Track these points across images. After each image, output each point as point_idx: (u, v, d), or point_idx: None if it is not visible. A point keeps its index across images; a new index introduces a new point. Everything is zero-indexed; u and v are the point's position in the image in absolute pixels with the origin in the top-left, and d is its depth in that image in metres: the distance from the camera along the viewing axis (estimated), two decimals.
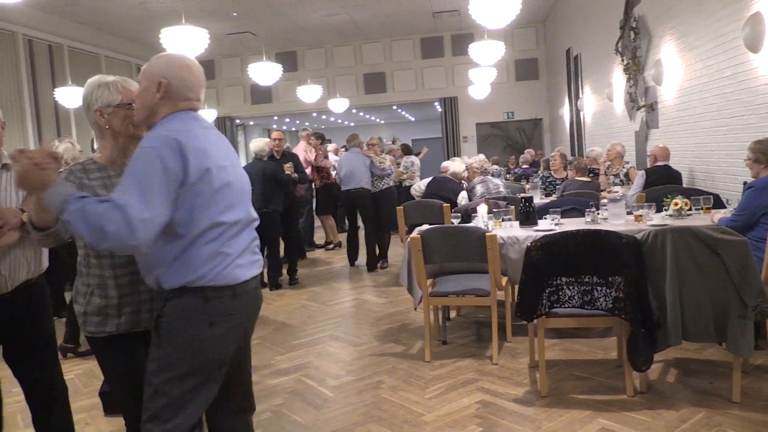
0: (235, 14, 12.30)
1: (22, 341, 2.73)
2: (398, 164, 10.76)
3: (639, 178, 6.52)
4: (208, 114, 15.39)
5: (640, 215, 4.54)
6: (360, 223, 8.33)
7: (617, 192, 6.48)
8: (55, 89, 10.92)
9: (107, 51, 12.97)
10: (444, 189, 6.89)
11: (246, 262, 2.17)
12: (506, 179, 10.66)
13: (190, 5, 11.08)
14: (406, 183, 10.38)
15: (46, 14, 10.96)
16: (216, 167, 2.07)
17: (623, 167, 7.78)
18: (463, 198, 6.71)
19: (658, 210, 4.73)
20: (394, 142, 13.99)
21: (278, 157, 7.46)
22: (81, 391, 4.21)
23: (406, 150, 11.93)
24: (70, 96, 10.47)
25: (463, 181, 7.31)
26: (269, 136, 8.47)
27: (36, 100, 10.82)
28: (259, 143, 7.14)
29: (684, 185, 6.38)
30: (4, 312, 2.64)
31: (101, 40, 12.73)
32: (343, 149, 10.25)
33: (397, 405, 3.66)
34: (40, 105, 10.83)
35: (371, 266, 8.02)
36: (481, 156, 7.00)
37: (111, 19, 11.91)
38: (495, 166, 10.83)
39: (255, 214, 2.28)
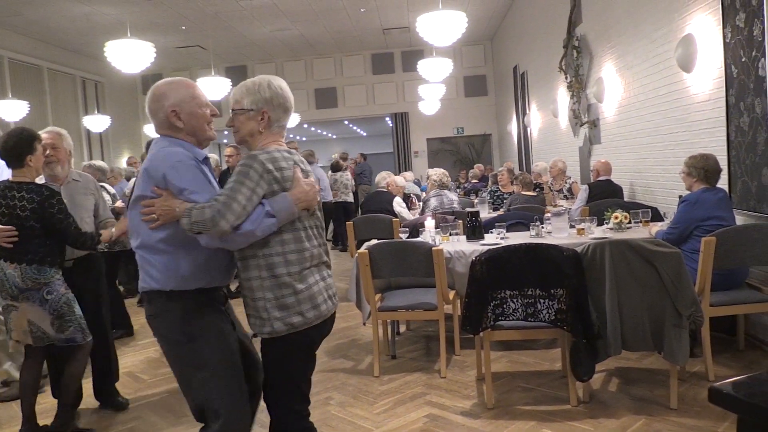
0: (183, 27, 12.18)
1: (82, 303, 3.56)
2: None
3: (582, 192, 6.70)
4: (153, 127, 15.13)
5: (582, 228, 4.67)
6: None
7: (561, 206, 6.65)
8: None
9: (50, 63, 12.64)
10: (378, 203, 7.15)
11: None
12: (457, 193, 10.81)
13: (137, 18, 10.92)
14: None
15: None
16: None
17: (566, 182, 7.99)
18: (398, 204, 6.93)
19: (600, 223, 4.87)
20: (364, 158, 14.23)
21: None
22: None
23: (335, 167, 11.52)
24: (10, 109, 10.16)
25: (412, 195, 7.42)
26: (219, 152, 8.43)
27: None
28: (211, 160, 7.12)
29: (625, 199, 6.58)
30: (67, 279, 3.53)
31: (44, 51, 12.41)
32: None
33: (345, 421, 3.65)
34: None
35: None
36: (441, 170, 7.11)
37: (54, 30, 11.64)
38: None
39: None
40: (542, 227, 4.83)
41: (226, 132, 22.76)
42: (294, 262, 2.28)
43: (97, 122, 12.73)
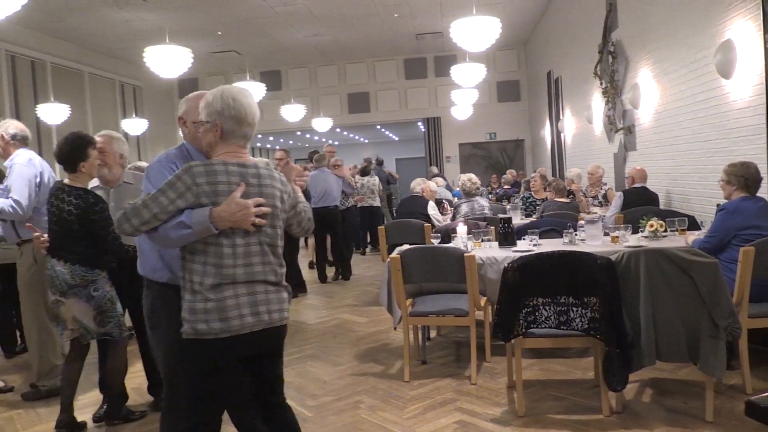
0: (219, 33, 12.37)
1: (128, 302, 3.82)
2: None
3: (617, 199, 6.62)
4: None
5: (617, 236, 4.62)
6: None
7: (595, 213, 6.58)
8: (37, 105, 10.88)
9: (91, 68, 12.96)
10: (412, 208, 7.16)
11: None
12: (488, 199, 10.76)
13: (175, 24, 11.13)
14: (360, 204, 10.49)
15: (29, 30, 10.95)
16: None
17: (602, 189, 7.90)
18: (432, 208, 6.93)
19: (635, 231, 4.81)
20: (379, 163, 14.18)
21: None
22: None
23: (363, 171, 11.41)
24: (52, 112, 10.44)
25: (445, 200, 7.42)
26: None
27: (18, 115, 10.76)
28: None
29: (660, 207, 6.49)
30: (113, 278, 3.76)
31: (85, 56, 12.73)
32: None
33: (375, 425, 3.67)
34: (21, 121, 10.71)
35: (346, 276, 8.62)
36: (472, 175, 7.11)
37: (95, 36, 11.93)
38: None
39: None
40: (575, 234, 4.79)
41: (271, 138, 23.08)
42: (210, 274, 2.29)
43: (134, 125, 13.01)
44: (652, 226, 4.77)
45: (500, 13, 11.38)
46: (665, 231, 4.82)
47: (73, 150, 3.62)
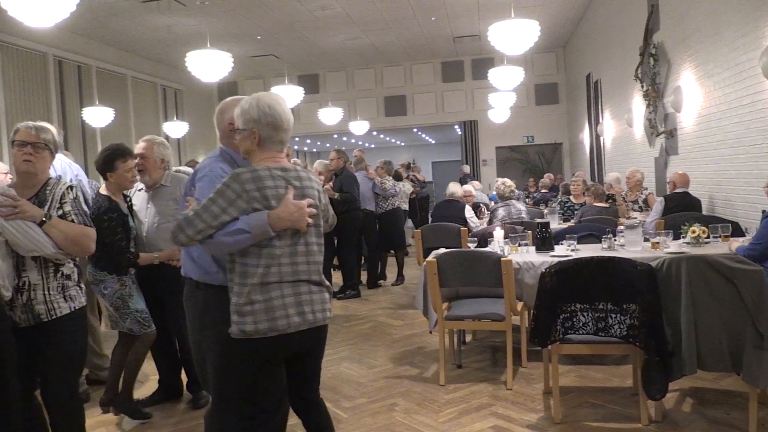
0: (259, 37, 12.54)
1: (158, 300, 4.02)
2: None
3: (658, 204, 6.50)
4: None
5: (657, 242, 4.54)
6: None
7: (635, 218, 6.47)
8: (82, 109, 11.20)
9: (134, 72, 13.27)
10: (449, 212, 7.13)
11: None
12: (525, 203, 10.67)
13: (216, 28, 11.33)
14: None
15: (75, 36, 11.27)
16: None
17: (642, 194, 7.77)
18: (469, 212, 6.90)
19: (676, 237, 4.72)
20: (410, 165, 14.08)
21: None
22: None
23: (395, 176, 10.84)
24: (97, 115, 10.72)
25: (482, 205, 7.38)
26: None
27: (64, 119, 11.09)
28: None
29: (703, 212, 6.35)
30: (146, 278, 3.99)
31: (128, 61, 13.04)
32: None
33: (410, 428, 3.68)
34: (68, 124, 11.10)
35: (372, 284, 8.42)
36: (507, 179, 7.08)
37: (138, 41, 12.21)
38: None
39: None
40: (615, 240, 4.73)
41: (308, 140, 23.31)
42: (260, 275, 2.36)
43: (175, 128, 13.25)
44: (694, 232, 4.68)
45: (539, 15, 11.32)
46: (708, 237, 4.72)
47: (103, 161, 3.84)
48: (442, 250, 4.60)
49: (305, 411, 2.68)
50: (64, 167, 4.54)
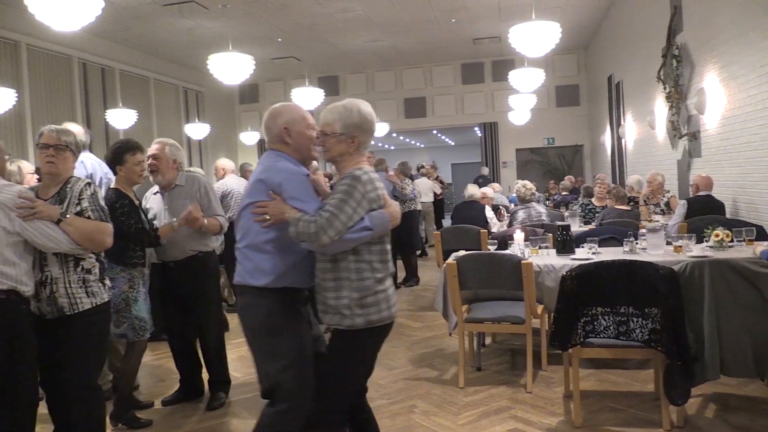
0: (279, 40, 12.62)
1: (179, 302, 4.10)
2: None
3: (680, 207, 6.43)
4: (252, 136, 15.75)
5: (680, 246, 4.49)
6: None
7: (657, 222, 6.41)
8: (106, 111, 11.35)
9: (156, 74, 13.42)
10: (469, 213, 7.11)
11: None
12: (545, 206, 10.62)
13: (237, 31, 11.42)
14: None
15: (99, 39, 11.43)
16: None
17: (664, 196, 7.69)
18: (489, 212, 6.88)
19: (699, 241, 4.66)
20: (432, 166, 14.08)
21: None
22: None
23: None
24: (120, 117, 10.86)
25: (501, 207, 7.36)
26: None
27: (88, 120, 11.25)
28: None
29: (727, 216, 6.27)
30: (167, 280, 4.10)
31: (150, 63, 13.19)
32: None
33: (429, 430, 3.68)
34: (92, 126, 11.24)
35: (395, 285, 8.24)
36: (527, 181, 7.05)
37: (160, 44, 12.35)
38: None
39: None
40: (636, 243, 4.69)
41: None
42: (378, 269, 2.55)
43: (197, 130, 13.38)
44: (717, 235, 4.62)
45: (560, 17, 11.25)
46: (732, 241, 4.66)
47: (112, 154, 3.88)
48: (462, 252, 4.60)
49: (362, 404, 2.82)
50: (95, 166, 4.63)
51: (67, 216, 2.87)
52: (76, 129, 4.63)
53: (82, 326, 2.95)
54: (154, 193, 4.23)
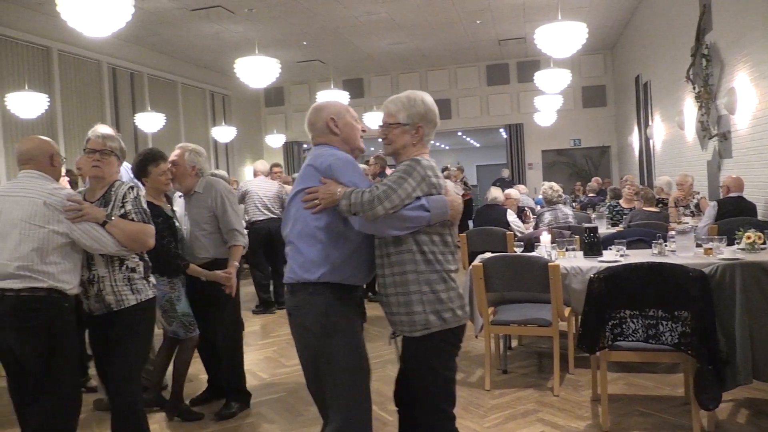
0: (305, 43, 12.70)
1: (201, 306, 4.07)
2: None
3: (710, 209, 6.33)
4: (277, 139, 15.87)
5: (710, 248, 4.41)
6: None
7: (687, 223, 6.31)
8: (135, 115, 11.53)
9: (184, 78, 13.59)
10: (490, 216, 7.07)
11: None
12: (572, 207, 10.52)
13: (263, 35, 11.52)
14: None
15: (128, 44, 11.61)
16: None
17: (694, 198, 7.58)
18: (511, 215, 6.82)
19: (730, 243, 4.58)
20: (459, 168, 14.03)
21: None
22: None
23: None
24: (148, 121, 11.02)
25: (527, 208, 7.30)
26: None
27: (117, 124, 11.43)
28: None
29: (759, 217, 6.16)
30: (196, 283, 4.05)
31: (178, 68, 13.37)
32: None
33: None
34: (121, 129, 11.41)
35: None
36: (553, 183, 7.00)
37: (187, 48, 12.51)
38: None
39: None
40: (665, 245, 4.62)
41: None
42: (444, 262, 2.43)
43: (223, 133, 13.53)
44: (749, 237, 4.53)
45: (586, 17, 11.16)
46: (763, 243, 4.56)
47: (137, 168, 3.98)
48: (488, 255, 4.58)
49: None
50: (121, 172, 4.69)
51: (112, 218, 2.99)
52: (106, 130, 4.70)
53: (128, 322, 3.09)
54: (180, 196, 4.27)
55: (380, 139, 2.59)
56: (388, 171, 7.81)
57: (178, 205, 4.25)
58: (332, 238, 2.44)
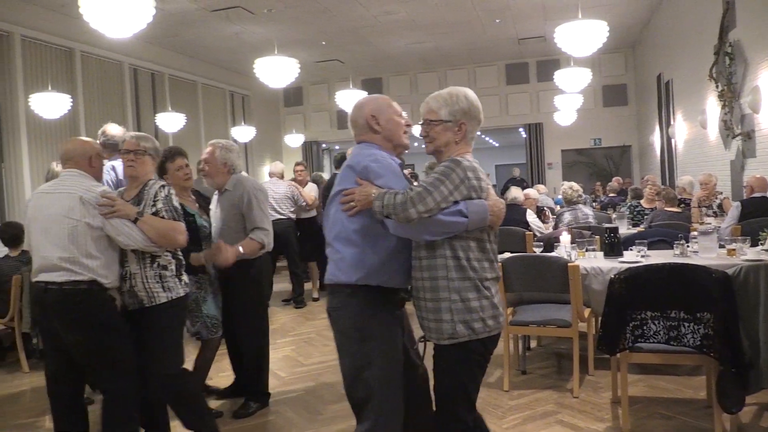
0: (323, 43, 12.72)
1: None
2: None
3: (734, 209, 6.24)
4: (296, 138, 15.92)
5: (733, 249, 4.36)
6: None
7: (710, 224, 6.23)
8: (156, 115, 11.64)
9: (203, 78, 13.68)
10: (509, 216, 7.01)
11: None
12: (592, 207, 10.43)
13: (282, 35, 11.56)
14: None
15: (149, 45, 11.71)
16: None
17: (716, 198, 7.48)
18: (531, 216, 6.77)
19: (754, 244, 4.52)
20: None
21: None
22: None
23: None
24: (169, 121, 11.12)
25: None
26: None
27: (139, 124, 11.55)
28: None
29: None
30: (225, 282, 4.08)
31: (198, 68, 13.46)
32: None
33: None
34: (142, 129, 11.52)
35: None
36: (573, 183, 6.94)
37: (207, 49, 12.59)
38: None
39: None
40: (687, 246, 4.56)
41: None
42: (480, 270, 2.33)
43: (243, 133, 13.60)
44: None
45: (606, 15, 11.04)
46: None
47: (157, 168, 3.93)
48: (507, 255, 4.56)
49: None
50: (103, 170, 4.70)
51: (143, 215, 3.10)
52: (116, 130, 4.71)
53: (159, 318, 3.18)
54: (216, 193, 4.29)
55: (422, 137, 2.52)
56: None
57: (213, 202, 4.28)
58: (369, 240, 2.41)
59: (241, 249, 3.90)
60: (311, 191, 8.18)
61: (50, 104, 8.32)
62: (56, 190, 3.11)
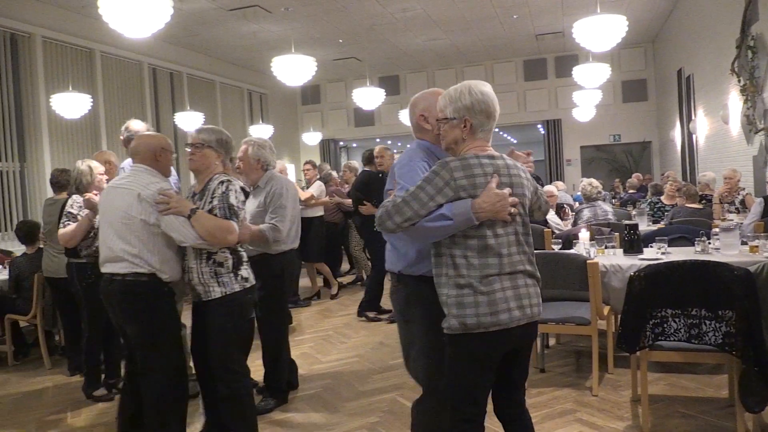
0: (340, 41, 12.74)
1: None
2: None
3: (756, 206, 6.13)
4: (314, 136, 15.96)
5: (756, 246, 4.29)
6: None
7: (732, 220, 6.14)
8: (175, 114, 11.73)
9: (222, 78, 13.77)
10: None
11: None
12: (612, 204, 10.34)
13: (299, 34, 11.59)
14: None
15: (168, 45, 11.81)
16: None
17: (738, 194, 7.37)
18: (549, 212, 6.75)
19: None
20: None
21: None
22: None
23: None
24: (188, 120, 11.20)
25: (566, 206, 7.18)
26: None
27: (158, 123, 11.64)
28: None
29: None
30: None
31: (216, 67, 13.54)
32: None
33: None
34: (161, 128, 11.63)
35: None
36: (593, 179, 6.89)
37: (225, 48, 12.66)
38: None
39: None
40: (709, 243, 4.51)
41: (389, 141, 23.49)
42: (476, 267, 2.30)
43: (261, 131, 13.64)
44: None
45: (626, 9, 10.94)
46: None
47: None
48: None
49: (514, 419, 2.59)
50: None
51: (197, 212, 3.12)
52: (140, 126, 4.77)
53: (215, 312, 3.22)
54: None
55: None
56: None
57: (249, 198, 4.28)
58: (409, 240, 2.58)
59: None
60: (317, 189, 8.18)
61: (71, 104, 8.42)
62: (122, 185, 3.22)
